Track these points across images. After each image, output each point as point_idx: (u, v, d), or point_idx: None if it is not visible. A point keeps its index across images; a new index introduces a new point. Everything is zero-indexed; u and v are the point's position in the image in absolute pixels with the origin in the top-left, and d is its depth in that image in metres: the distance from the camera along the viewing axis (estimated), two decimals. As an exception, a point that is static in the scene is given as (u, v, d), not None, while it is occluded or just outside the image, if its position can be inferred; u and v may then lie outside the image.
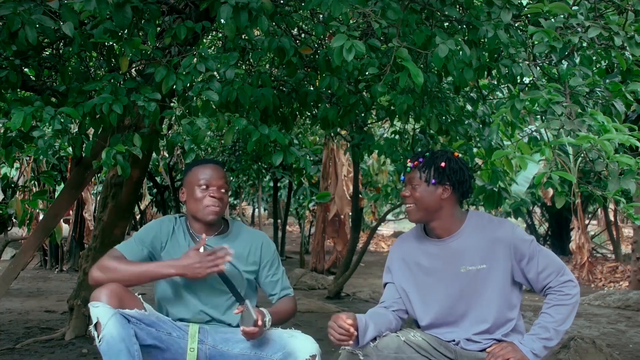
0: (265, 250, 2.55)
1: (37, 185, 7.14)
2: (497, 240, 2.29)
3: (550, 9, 2.45)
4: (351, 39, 2.23)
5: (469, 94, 3.90)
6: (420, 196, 2.30)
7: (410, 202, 2.33)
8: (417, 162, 2.32)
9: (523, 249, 2.28)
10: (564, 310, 2.24)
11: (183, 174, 2.63)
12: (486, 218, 2.37)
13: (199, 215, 2.46)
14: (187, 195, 2.51)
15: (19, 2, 2.42)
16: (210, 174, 2.48)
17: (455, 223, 2.34)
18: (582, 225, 9.55)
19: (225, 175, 2.54)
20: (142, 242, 2.44)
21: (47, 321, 5.07)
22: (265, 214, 20.14)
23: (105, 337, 2.14)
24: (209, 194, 2.45)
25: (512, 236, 2.29)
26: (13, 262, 3.89)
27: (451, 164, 2.31)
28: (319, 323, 5.28)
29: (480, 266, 2.29)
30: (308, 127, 7.53)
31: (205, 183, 2.46)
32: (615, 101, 2.69)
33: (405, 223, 18.05)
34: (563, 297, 2.25)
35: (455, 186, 2.31)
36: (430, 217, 2.33)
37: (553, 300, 2.26)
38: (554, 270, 2.27)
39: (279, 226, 11.10)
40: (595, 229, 15.53)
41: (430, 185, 2.29)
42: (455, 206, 2.35)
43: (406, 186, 2.35)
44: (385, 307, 2.43)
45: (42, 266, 9.05)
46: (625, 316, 6.24)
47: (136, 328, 2.23)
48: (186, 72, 2.65)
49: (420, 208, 2.32)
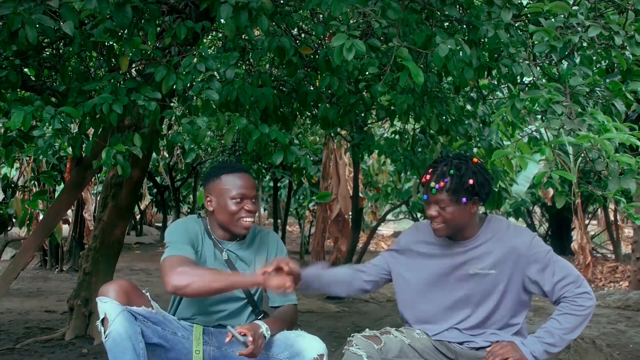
0: (280, 251, 2.55)
1: (37, 185, 7.14)
2: (513, 249, 2.27)
3: (551, 8, 2.45)
4: (351, 38, 2.23)
5: (469, 94, 3.90)
6: (451, 217, 2.25)
7: (439, 222, 2.27)
8: (442, 184, 2.22)
9: (539, 259, 2.26)
10: (574, 320, 2.22)
11: (207, 178, 2.51)
12: (505, 225, 2.35)
13: (233, 228, 2.41)
14: (218, 205, 2.41)
15: (19, 1, 2.42)
16: (244, 185, 2.40)
17: (475, 228, 2.33)
18: (582, 225, 9.55)
19: (255, 183, 2.48)
20: (189, 243, 2.35)
21: (47, 321, 5.06)
22: (265, 214, 20.13)
23: (112, 334, 2.13)
24: (244, 206, 2.38)
25: (529, 246, 2.27)
26: (13, 262, 3.89)
27: (478, 179, 2.24)
28: (319, 323, 5.28)
29: (490, 271, 2.28)
30: (308, 127, 7.53)
31: (239, 195, 2.38)
32: (616, 101, 2.69)
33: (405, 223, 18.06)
34: (576, 307, 2.22)
35: (484, 198, 2.29)
36: (459, 230, 2.31)
37: (565, 308, 2.23)
38: (571, 282, 2.24)
39: (279, 226, 11.11)
40: (595, 228, 15.53)
41: (461, 204, 2.24)
42: (477, 212, 2.34)
43: (431, 205, 2.27)
44: (360, 271, 2.48)
45: (42, 266, 9.04)
46: (625, 316, 6.24)
47: (143, 326, 2.22)
48: (186, 71, 2.64)
49: (450, 226, 2.28)
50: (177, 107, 2.94)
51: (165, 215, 12.36)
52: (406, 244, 2.46)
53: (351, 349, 2.23)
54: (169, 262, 2.27)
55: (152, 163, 8.77)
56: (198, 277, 2.18)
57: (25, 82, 3.08)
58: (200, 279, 2.18)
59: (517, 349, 2.19)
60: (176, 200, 9.70)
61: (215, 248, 2.45)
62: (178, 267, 2.22)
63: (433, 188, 2.24)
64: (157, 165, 9.67)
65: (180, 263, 2.23)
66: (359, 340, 2.27)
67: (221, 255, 2.45)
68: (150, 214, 17.73)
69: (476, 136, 3.96)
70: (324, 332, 4.78)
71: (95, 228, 4.35)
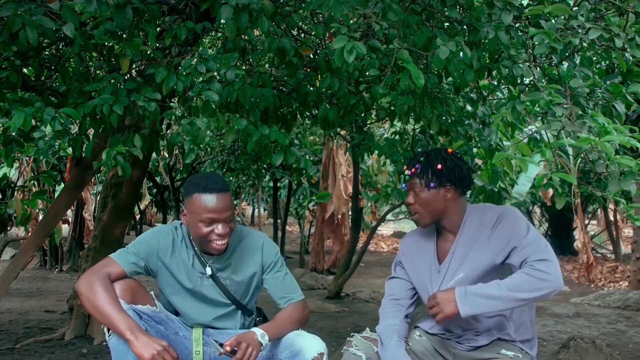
0: (266, 252, 2.46)
1: (36, 185, 7.14)
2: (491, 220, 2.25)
3: (551, 10, 2.45)
4: (352, 40, 2.22)
5: (469, 94, 3.90)
6: (425, 201, 2.29)
7: (416, 209, 2.32)
8: (414, 169, 2.31)
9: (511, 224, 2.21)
10: (528, 279, 2.10)
11: (185, 191, 2.38)
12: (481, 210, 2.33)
13: (205, 248, 2.32)
14: (191, 223, 2.30)
15: (20, 3, 2.42)
16: (215, 208, 2.24)
17: (462, 217, 2.33)
18: (582, 224, 9.56)
19: (231, 202, 2.31)
20: (137, 255, 2.31)
21: (46, 321, 5.07)
22: (265, 214, 20.14)
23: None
24: (214, 230, 2.26)
25: (504, 212, 2.25)
26: (13, 262, 3.89)
27: (447, 164, 2.29)
28: (319, 323, 5.28)
29: (479, 271, 2.27)
30: (307, 127, 7.53)
31: (209, 220, 2.24)
32: (616, 102, 2.69)
33: (405, 223, 18.07)
34: (533, 271, 2.10)
35: (456, 184, 2.31)
36: (439, 217, 2.32)
37: (521, 270, 2.14)
38: (536, 251, 2.14)
39: (279, 226, 11.08)
40: (595, 228, 15.54)
41: (431, 189, 2.29)
42: (460, 200, 2.34)
43: (409, 193, 2.34)
44: (396, 300, 2.41)
45: (42, 266, 9.04)
46: (625, 316, 6.24)
47: (147, 325, 2.23)
48: (186, 72, 2.64)
49: (427, 212, 2.31)
50: (177, 108, 2.94)
51: (165, 215, 12.36)
52: (406, 252, 2.47)
53: (351, 350, 2.23)
54: (100, 263, 2.30)
55: (152, 163, 8.76)
56: (92, 296, 2.14)
57: (25, 82, 3.08)
58: (92, 299, 2.14)
59: (452, 300, 2.13)
60: (176, 200, 9.69)
61: (196, 258, 2.38)
62: (93, 274, 2.20)
63: (406, 175, 2.33)
64: (157, 165, 9.67)
65: (100, 277, 2.19)
66: (358, 341, 2.27)
67: (201, 267, 2.38)
68: (150, 214, 17.73)
69: (476, 137, 3.96)
70: (324, 332, 4.78)
71: (95, 228, 4.36)
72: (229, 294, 2.41)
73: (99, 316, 2.14)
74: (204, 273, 2.38)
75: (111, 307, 2.12)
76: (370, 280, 8.88)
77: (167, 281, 2.40)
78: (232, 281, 2.42)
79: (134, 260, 2.30)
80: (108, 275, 2.22)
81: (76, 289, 2.23)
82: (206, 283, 2.39)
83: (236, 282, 2.43)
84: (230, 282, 2.42)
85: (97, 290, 2.15)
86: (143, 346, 2.03)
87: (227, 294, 2.41)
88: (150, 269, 2.36)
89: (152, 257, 2.33)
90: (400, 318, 2.36)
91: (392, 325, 2.33)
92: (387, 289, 2.48)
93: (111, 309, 2.12)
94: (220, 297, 2.41)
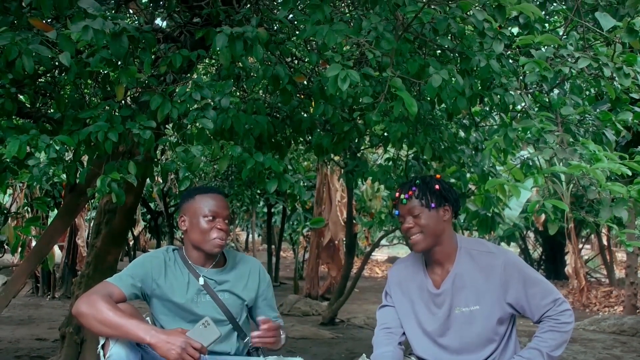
0: (262, 277, 2.56)
1: (30, 212, 7.10)
2: (490, 271, 2.28)
3: (541, 40, 2.49)
4: (345, 68, 2.25)
5: (461, 121, 3.94)
6: (425, 223, 2.29)
7: (415, 232, 2.31)
8: (411, 192, 2.32)
9: (515, 279, 2.27)
10: (559, 336, 2.24)
11: (182, 199, 2.57)
12: (475, 244, 2.37)
13: (205, 247, 2.41)
14: (190, 225, 2.44)
15: (17, 31, 2.44)
16: (216, 204, 2.43)
17: (453, 246, 2.35)
18: (576, 249, 9.56)
19: (229, 205, 2.52)
20: (134, 278, 2.34)
21: (38, 349, 5.01)
22: (259, 240, 20.05)
23: (113, 357, 2.12)
24: (216, 225, 2.40)
25: (504, 267, 2.28)
26: (4, 290, 3.86)
27: (443, 185, 2.35)
28: (313, 350, 5.23)
29: (474, 307, 2.29)
30: (301, 153, 7.55)
31: (211, 214, 2.40)
32: (606, 130, 2.72)
33: (399, 248, 18.00)
34: (559, 325, 2.24)
35: (453, 205, 2.34)
36: (436, 242, 2.32)
37: (547, 326, 2.26)
38: (551, 300, 2.26)
39: (273, 252, 11.07)
40: (589, 252, 15.54)
41: (432, 209, 2.30)
42: (451, 227, 2.36)
43: (405, 218, 2.33)
44: (388, 329, 2.43)
45: (34, 293, 8.95)
46: (621, 341, 6.22)
47: (143, 352, 2.22)
48: (181, 100, 2.66)
49: (427, 235, 2.30)
50: (171, 135, 2.95)
51: (159, 241, 12.30)
52: (394, 283, 2.48)
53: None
54: (98, 286, 2.30)
55: (145, 189, 8.75)
56: (96, 312, 2.14)
57: (20, 109, 3.09)
58: (98, 315, 2.14)
59: None
60: (170, 226, 9.66)
61: (191, 275, 2.43)
62: (93, 294, 2.21)
63: (403, 199, 2.32)
64: (151, 191, 9.65)
65: (100, 295, 2.20)
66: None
67: (197, 281, 2.42)
68: (144, 240, 17.60)
69: (469, 162, 3.98)
70: (318, 358, 4.74)
71: (89, 254, 4.33)
72: (225, 309, 2.42)
73: (110, 330, 2.13)
74: (201, 289, 2.41)
75: (120, 317, 2.13)
76: (365, 306, 8.83)
77: (161, 306, 2.41)
78: (230, 296, 2.45)
79: (132, 282, 2.32)
80: (109, 295, 2.23)
81: (75, 311, 2.21)
82: (203, 300, 2.41)
83: (233, 298, 2.46)
84: (228, 296, 2.45)
85: (100, 306, 2.15)
86: (167, 348, 2.06)
87: (224, 309, 2.42)
88: (146, 293, 2.38)
89: (147, 280, 2.37)
90: (394, 345, 2.38)
91: (387, 352, 2.34)
92: (378, 318, 2.50)
93: (121, 319, 2.13)
94: (217, 314, 2.41)
